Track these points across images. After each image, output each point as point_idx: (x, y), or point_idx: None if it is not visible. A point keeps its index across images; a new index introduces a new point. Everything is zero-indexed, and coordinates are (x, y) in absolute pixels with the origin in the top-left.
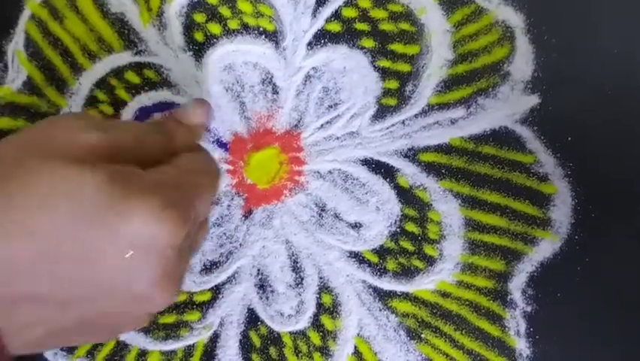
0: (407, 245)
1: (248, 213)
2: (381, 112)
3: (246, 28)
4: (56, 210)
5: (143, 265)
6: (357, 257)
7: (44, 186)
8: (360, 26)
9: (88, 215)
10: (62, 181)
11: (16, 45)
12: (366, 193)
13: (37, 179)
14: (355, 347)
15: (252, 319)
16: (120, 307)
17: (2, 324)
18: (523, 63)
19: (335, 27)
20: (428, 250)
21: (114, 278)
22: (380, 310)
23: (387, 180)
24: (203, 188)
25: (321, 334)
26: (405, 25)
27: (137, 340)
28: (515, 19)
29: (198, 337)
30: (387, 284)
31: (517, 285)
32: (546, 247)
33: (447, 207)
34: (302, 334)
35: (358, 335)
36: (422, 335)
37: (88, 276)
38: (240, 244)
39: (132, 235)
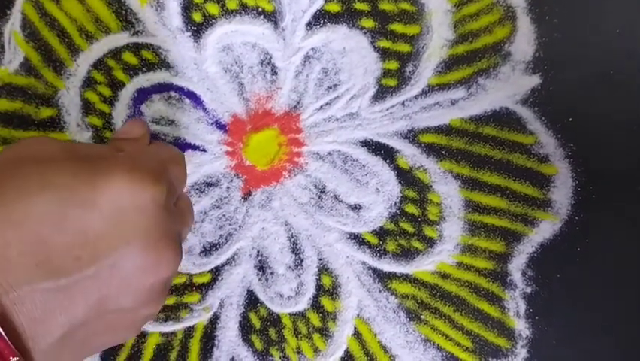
0: (407, 226)
1: (247, 195)
2: (381, 93)
3: (244, 8)
4: (35, 199)
5: (135, 227)
6: (357, 239)
7: (21, 180)
8: (360, 6)
9: (65, 197)
10: (37, 173)
11: (12, 26)
12: (366, 175)
13: (16, 176)
14: (355, 328)
15: (252, 300)
16: (127, 279)
17: (14, 316)
18: (524, 43)
19: (334, 7)
20: (428, 231)
21: (111, 249)
22: (380, 291)
23: (387, 161)
24: (167, 158)
25: (320, 315)
26: (405, 5)
27: None
28: None
29: (198, 318)
30: (386, 266)
31: (517, 266)
32: (546, 228)
33: (447, 189)
34: (302, 315)
35: (358, 316)
36: (422, 316)
37: (85, 255)
38: (240, 226)
39: (112, 202)
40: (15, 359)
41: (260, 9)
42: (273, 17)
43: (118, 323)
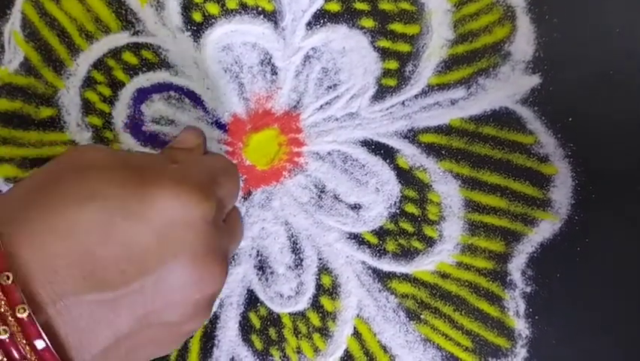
0: (407, 226)
1: (247, 195)
2: (381, 93)
3: (244, 7)
4: (79, 210)
5: (183, 243)
6: (357, 238)
7: (70, 190)
8: (360, 6)
9: (113, 209)
10: (86, 182)
11: (12, 26)
12: (366, 174)
13: (65, 185)
14: (355, 327)
15: (252, 300)
16: (172, 295)
17: (60, 327)
18: (524, 43)
19: (334, 7)
20: (428, 231)
21: (158, 264)
22: (379, 291)
23: (387, 161)
24: (220, 171)
25: (320, 315)
26: (405, 5)
27: None
28: None
29: None
30: (386, 265)
31: (516, 266)
32: (546, 228)
33: (447, 188)
34: (301, 315)
35: (358, 315)
36: (422, 316)
37: (131, 269)
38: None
39: (161, 216)
40: None
41: (260, 9)
42: (273, 17)
43: (162, 337)
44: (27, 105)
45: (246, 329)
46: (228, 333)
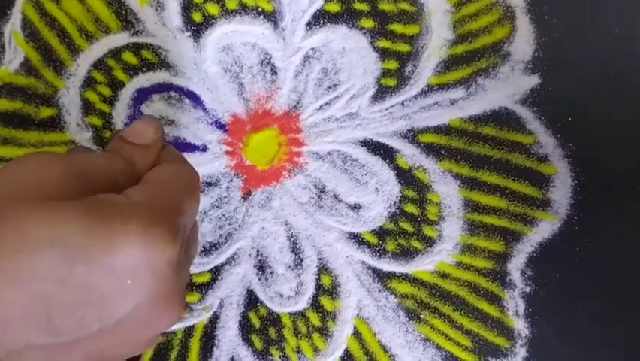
0: (406, 226)
1: (247, 195)
2: (381, 93)
3: (244, 8)
4: (38, 257)
5: (145, 289)
6: (357, 238)
7: (22, 232)
8: (360, 6)
9: (74, 255)
10: (40, 224)
11: (12, 26)
12: (366, 174)
13: (14, 224)
14: (355, 327)
15: (252, 300)
16: (128, 336)
17: None
18: (523, 43)
19: (334, 7)
20: (427, 231)
21: (117, 310)
22: (379, 291)
23: (387, 161)
24: (183, 194)
25: (320, 315)
26: (404, 5)
27: None
28: None
29: (198, 318)
30: (386, 265)
31: (516, 266)
32: (545, 228)
33: (446, 188)
34: (301, 315)
35: (357, 315)
36: (421, 316)
37: (89, 316)
38: (239, 226)
39: (125, 264)
40: None
41: (260, 9)
42: (272, 17)
43: None
44: (27, 105)
45: (245, 328)
46: (228, 333)
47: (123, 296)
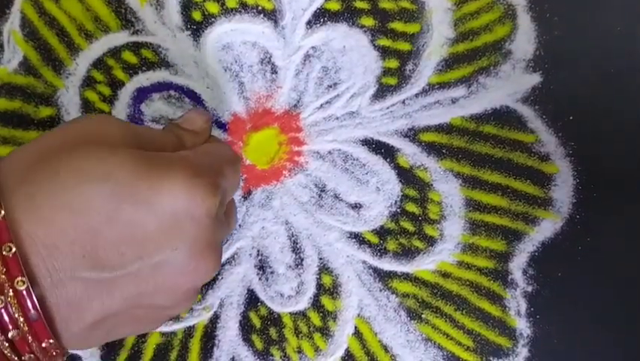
0: (407, 225)
1: (247, 194)
2: (381, 91)
3: (244, 6)
4: (93, 189)
5: (184, 235)
6: (358, 238)
7: (82, 166)
8: (360, 4)
9: (123, 192)
10: (98, 161)
11: (11, 25)
12: (367, 173)
13: (76, 159)
14: (356, 327)
15: (252, 300)
16: (166, 281)
17: (53, 300)
18: (524, 41)
19: (334, 5)
20: (428, 230)
21: (157, 251)
22: (380, 290)
23: (388, 160)
24: (225, 161)
25: (321, 314)
26: (405, 4)
27: None
28: None
29: (198, 318)
30: (387, 265)
31: (517, 265)
32: (547, 227)
33: (447, 187)
34: (302, 315)
35: (359, 315)
36: (422, 316)
37: (130, 252)
38: (240, 225)
39: (168, 206)
40: (49, 341)
41: (260, 7)
42: (272, 16)
43: (145, 318)
44: (26, 105)
45: (246, 328)
46: (229, 333)
47: (164, 238)
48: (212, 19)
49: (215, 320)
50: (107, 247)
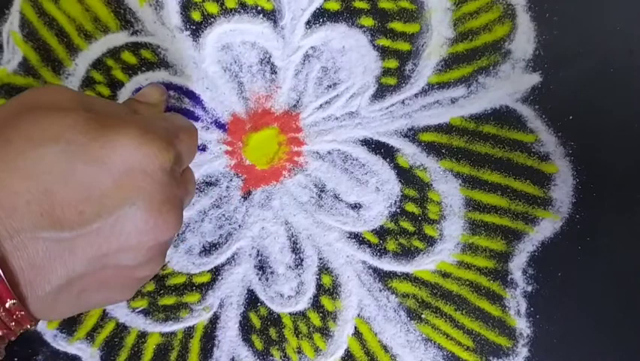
0: (407, 225)
1: (247, 195)
2: (381, 91)
3: (243, 7)
4: (45, 151)
5: (141, 190)
6: (357, 238)
7: (33, 131)
8: (360, 5)
9: (75, 152)
10: (49, 124)
11: (11, 26)
12: (366, 174)
13: (27, 125)
14: (355, 327)
15: (252, 300)
16: (128, 239)
17: (15, 262)
18: (524, 41)
19: (334, 5)
20: (428, 230)
21: (115, 208)
22: (380, 290)
23: (387, 160)
24: (180, 125)
25: (321, 315)
26: (405, 4)
27: (136, 322)
28: None
29: (198, 318)
30: (387, 265)
31: (517, 265)
32: (547, 227)
33: (447, 187)
34: (302, 315)
35: (358, 315)
36: (422, 316)
37: (89, 210)
38: (239, 226)
39: (121, 163)
40: (12, 301)
41: (259, 8)
42: (272, 16)
43: (114, 280)
44: None
45: (246, 329)
46: (228, 333)
47: (120, 194)
48: (212, 20)
49: (215, 320)
50: (64, 206)
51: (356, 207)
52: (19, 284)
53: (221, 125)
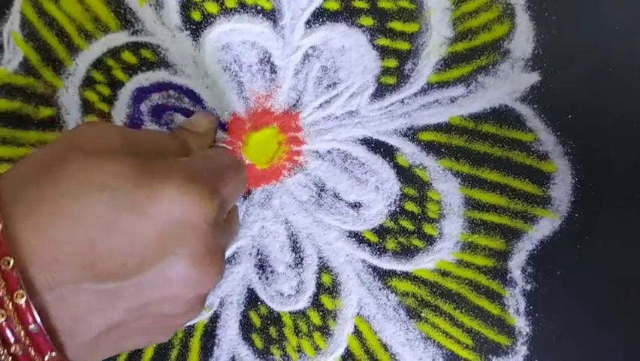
0: (407, 224)
1: (247, 194)
2: (381, 91)
3: (243, 6)
4: (91, 199)
5: (184, 242)
6: (357, 237)
7: (80, 175)
8: (359, 4)
9: (120, 201)
10: (95, 170)
11: (11, 26)
12: (366, 173)
13: (76, 167)
14: (355, 326)
15: (252, 299)
16: (169, 290)
17: (55, 313)
18: (523, 40)
19: (333, 5)
20: (428, 229)
21: (157, 260)
22: (380, 289)
23: (387, 159)
24: (226, 166)
25: (321, 313)
26: (404, 3)
27: None
28: None
29: (198, 317)
30: (386, 264)
31: (516, 263)
32: (546, 226)
33: (446, 186)
34: (302, 314)
35: (358, 314)
36: (422, 314)
37: (131, 263)
38: (239, 225)
39: (165, 214)
40: (52, 353)
41: (259, 7)
42: (272, 16)
43: (154, 327)
44: (26, 105)
45: (246, 327)
46: (229, 332)
47: (163, 246)
48: (212, 19)
49: (215, 319)
50: (107, 257)
51: (356, 206)
52: (57, 334)
53: (221, 125)
